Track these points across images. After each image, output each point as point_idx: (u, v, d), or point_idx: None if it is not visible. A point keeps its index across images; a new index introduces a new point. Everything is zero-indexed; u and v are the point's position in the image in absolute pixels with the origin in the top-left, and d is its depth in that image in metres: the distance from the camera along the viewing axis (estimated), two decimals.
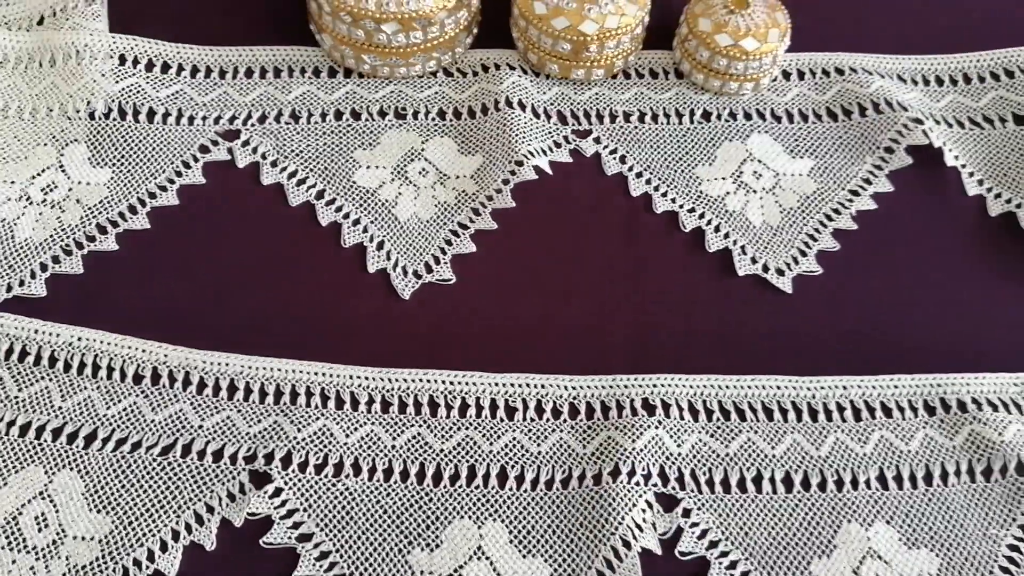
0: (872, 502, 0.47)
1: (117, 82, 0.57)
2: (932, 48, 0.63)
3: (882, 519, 0.47)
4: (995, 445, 0.48)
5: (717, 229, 0.55)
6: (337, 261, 0.53)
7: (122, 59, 0.58)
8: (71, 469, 0.45)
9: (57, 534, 0.44)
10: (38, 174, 0.54)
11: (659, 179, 0.56)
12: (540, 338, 0.51)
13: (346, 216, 0.54)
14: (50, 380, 0.48)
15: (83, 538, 0.44)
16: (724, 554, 0.45)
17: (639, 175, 0.57)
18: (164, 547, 0.44)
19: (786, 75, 0.61)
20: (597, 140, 0.58)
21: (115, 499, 0.45)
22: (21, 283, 0.50)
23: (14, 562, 0.43)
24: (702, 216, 0.55)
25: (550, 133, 0.57)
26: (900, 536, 0.46)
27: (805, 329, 0.52)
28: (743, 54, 0.57)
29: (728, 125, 0.59)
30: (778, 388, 0.50)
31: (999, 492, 0.48)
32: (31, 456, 0.46)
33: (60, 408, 0.47)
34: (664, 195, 0.56)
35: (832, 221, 0.56)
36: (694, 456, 0.48)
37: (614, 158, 0.57)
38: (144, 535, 0.44)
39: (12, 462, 0.45)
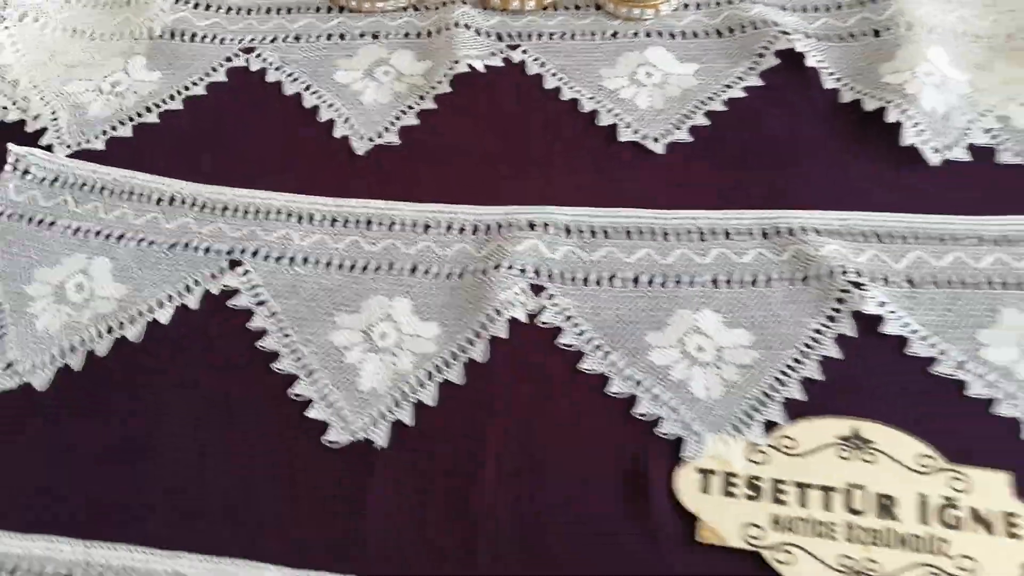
0: (703, 296, 0.59)
1: (172, 15, 0.77)
2: None
3: (709, 307, 0.58)
4: (813, 258, 0.59)
5: (609, 111, 0.69)
6: (315, 131, 0.70)
7: (177, 0, 0.78)
8: (103, 255, 0.63)
9: (90, 293, 0.61)
10: (108, 75, 0.73)
11: (568, 75, 0.71)
12: (459, 182, 0.66)
13: (324, 101, 0.71)
14: (99, 202, 0.66)
15: (106, 297, 0.61)
16: (576, 325, 0.58)
17: (553, 74, 0.72)
18: (161, 305, 0.60)
19: (685, 6, 0.75)
20: (524, 52, 0.73)
21: (131, 275, 0.62)
22: (87, 141, 0.70)
23: (58, 310, 0.60)
24: (599, 102, 0.70)
25: (487, 46, 0.73)
26: (723, 319, 0.58)
27: (675, 179, 0.65)
28: None
29: (631, 41, 0.73)
30: (639, 217, 0.63)
31: (812, 291, 0.58)
32: (76, 246, 0.63)
33: (104, 219, 0.65)
34: (571, 87, 0.71)
35: (705, 105, 0.69)
36: (563, 260, 0.61)
37: (536, 63, 0.72)
38: (148, 298, 0.61)
39: (64, 249, 0.63)
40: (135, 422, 0.56)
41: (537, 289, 0.60)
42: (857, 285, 0.58)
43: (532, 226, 0.62)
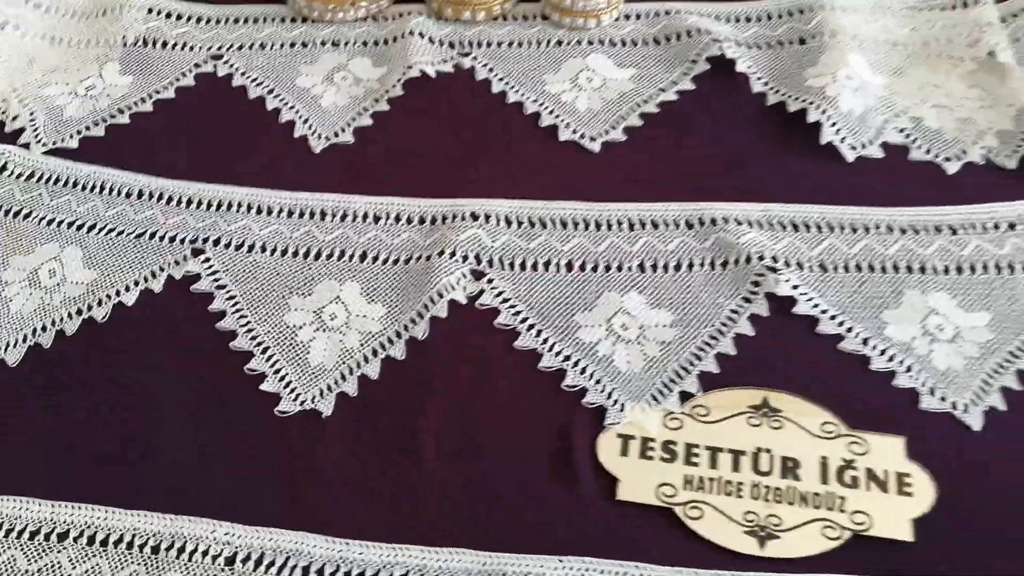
0: (630, 280, 0.63)
1: (145, 24, 0.82)
2: None
3: (635, 290, 0.63)
4: (733, 245, 0.64)
5: (550, 112, 0.74)
6: (276, 131, 0.74)
7: (150, 10, 0.83)
8: (75, 244, 0.67)
9: (61, 278, 0.65)
10: (83, 79, 0.78)
11: (514, 80, 0.76)
12: (409, 177, 0.70)
13: (285, 103, 0.76)
14: (71, 195, 0.70)
15: (76, 282, 0.65)
16: (512, 306, 0.62)
17: (500, 79, 0.77)
18: (127, 289, 0.65)
19: (626, 17, 0.81)
20: (474, 59, 0.78)
21: (100, 262, 0.66)
22: (63, 140, 0.74)
23: (31, 294, 0.64)
24: (542, 104, 0.74)
25: (439, 54, 0.78)
26: (647, 301, 0.62)
27: (609, 175, 0.70)
28: None
29: (574, 49, 0.79)
30: (574, 209, 0.67)
31: (730, 275, 0.63)
32: (48, 236, 0.68)
33: (77, 211, 0.69)
34: (516, 91, 0.76)
35: (640, 107, 0.74)
36: (503, 248, 0.65)
37: (485, 69, 0.78)
38: (115, 283, 0.65)
39: (35, 241, 0.67)
40: (100, 395, 0.60)
41: (478, 275, 0.64)
42: (773, 270, 0.63)
43: (475, 217, 0.67)
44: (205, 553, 0.53)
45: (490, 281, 0.64)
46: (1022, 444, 0.55)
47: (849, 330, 0.60)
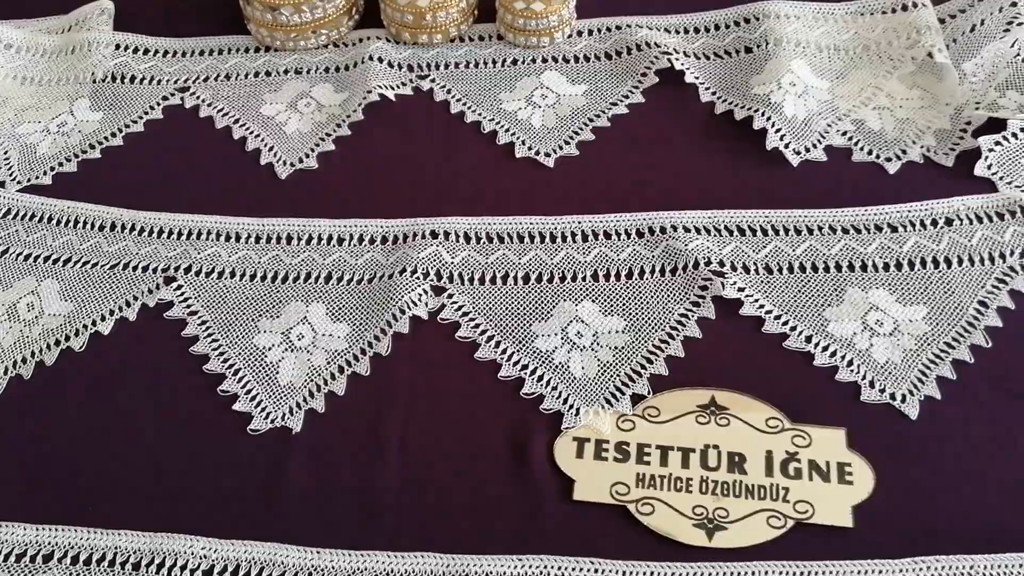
0: (585, 289, 0.66)
1: (113, 60, 0.84)
2: (691, 8, 0.84)
3: (589, 299, 0.66)
4: (681, 252, 0.67)
5: (507, 131, 0.77)
6: (240, 159, 0.77)
7: (117, 46, 0.86)
8: (51, 277, 0.70)
9: (39, 311, 0.68)
10: (55, 116, 0.81)
11: (471, 100, 0.79)
12: (371, 199, 0.73)
13: (251, 132, 0.79)
14: (46, 231, 0.73)
15: (54, 314, 0.68)
16: (472, 319, 0.65)
17: (458, 100, 0.79)
18: (103, 318, 0.67)
19: (579, 33, 0.83)
20: (433, 80, 0.81)
21: (76, 293, 0.69)
22: (36, 177, 0.77)
23: (10, 328, 0.67)
24: (499, 123, 0.77)
25: (398, 77, 0.81)
26: (600, 308, 0.65)
27: (563, 189, 0.73)
28: (534, 14, 0.80)
29: (529, 67, 0.81)
30: (531, 224, 0.70)
31: (679, 281, 0.66)
32: (26, 271, 0.70)
33: (52, 245, 0.72)
34: (474, 111, 0.78)
35: (592, 122, 0.77)
36: (462, 263, 0.68)
37: (443, 90, 0.80)
38: (92, 313, 0.68)
39: (13, 276, 0.70)
40: (80, 421, 0.63)
41: (438, 290, 0.67)
42: (720, 274, 0.65)
43: (434, 235, 0.70)
44: (184, 567, 0.56)
45: (450, 296, 0.67)
46: (957, 431, 0.58)
47: (793, 329, 0.63)
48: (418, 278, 0.67)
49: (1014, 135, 0.71)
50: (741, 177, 0.72)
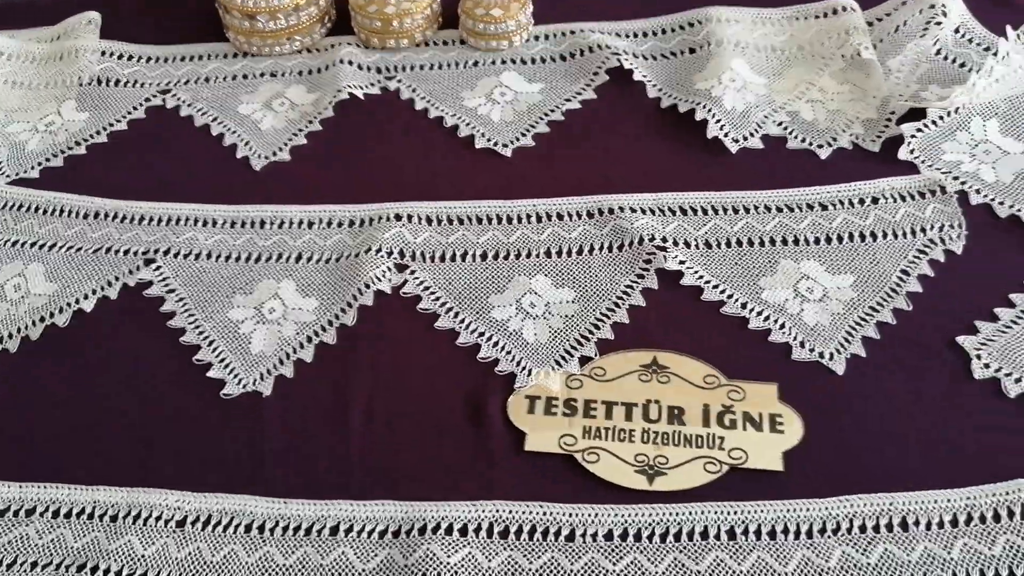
0: (538, 265, 0.71)
1: (98, 66, 0.90)
2: (638, 15, 0.90)
3: (542, 273, 0.70)
4: (628, 230, 0.72)
5: (467, 124, 0.82)
6: (218, 153, 0.82)
7: (103, 53, 0.91)
8: (37, 261, 0.74)
9: (26, 291, 0.72)
10: (43, 117, 0.86)
11: (435, 98, 0.85)
12: (340, 187, 0.78)
13: (228, 129, 0.84)
14: (33, 219, 0.77)
15: (39, 294, 0.72)
16: (433, 293, 0.70)
17: (423, 98, 0.85)
18: (86, 297, 0.71)
19: (536, 38, 0.89)
20: (399, 81, 0.87)
21: (60, 275, 0.73)
22: (25, 172, 0.81)
23: None
24: (460, 119, 0.83)
25: (367, 78, 0.87)
26: (552, 282, 0.70)
27: (520, 176, 0.78)
28: (493, 19, 0.86)
29: (489, 68, 0.87)
30: (488, 207, 0.75)
31: (625, 256, 0.71)
32: (13, 256, 0.75)
33: (39, 233, 0.76)
34: (437, 108, 0.84)
35: (547, 116, 0.82)
36: (424, 244, 0.73)
37: (408, 89, 0.86)
38: (75, 292, 0.72)
39: (3, 259, 0.74)
40: (63, 389, 0.66)
41: (401, 267, 0.72)
42: (663, 249, 0.70)
43: (398, 217, 0.74)
44: (159, 518, 0.59)
45: (412, 272, 0.71)
46: (880, 385, 0.63)
47: (730, 296, 0.68)
48: (383, 256, 0.71)
49: (934, 123, 0.77)
50: (685, 164, 0.78)
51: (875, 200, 0.73)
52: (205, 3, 0.92)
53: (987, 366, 0.63)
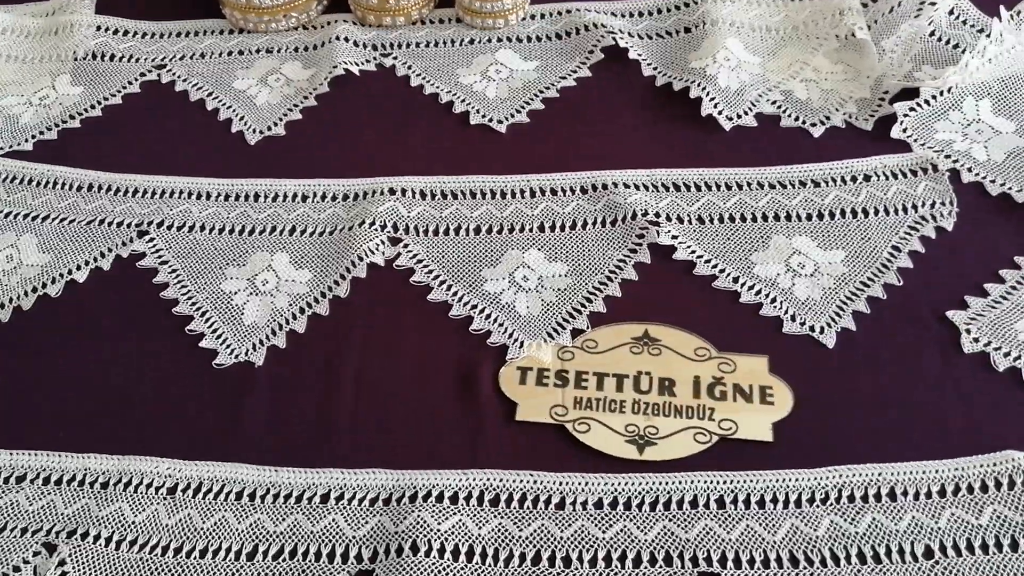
0: (531, 239, 0.71)
1: (93, 40, 0.90)
2: None
3: (535, 247, 0.71)
4: (621, 205, 0.72)
5: (463, 101, 0.82)
6: (212, 127, 0.82)
7: (98, 28, 0.91)
8: (30, 233, 0.74)
9: (18, 262, 0.72)
10: (37, 90, 0.86)
11: (430, 75, 0.85)
12: (334, 161, 0.78)
13: (223, 104, 0.84)
14: (26, 191, 0.77)
15: (32, 265, 0.72)
16: (426, 266, 0.70)
17: (418, 75, 0.85)
18: (79, 267, 0.71)
19: (532, 16, 0.89)
20: (395, 58, 0.87)
21: (53, 246, 0.73)
22: (19, 144, 0.81)
23: None
24: (455, 95, 0.83)
25: (363, 55, 0.87)
26: (545, 256, 0.70)
27: (514, 152, 0.78)
28: None
29: (485, 46, 0.87)
30: (482, 181, 0.75)
31: (618, 231, 0.71)
32: (5, 227, 0.75)
33: (31, 204, 0.76)
34: (432, 84, 0.84)
35: (542, 93, 0.82)
36: (418, 217, 0.73)
37: (404, 66, 0.86)
38: (67, 263, 0.72)
39: None
40: (55, 358, 0.66)
41: (395, 241, 0.72)
42: (656, 224, 0.71)
43: (392, 191, 0.74)
44: (149, 485, 0.59)
45: (406, 246, 0.71)
46: (869, 358, 0.63)
47: (722, 271, 0.68)
48: (376, 230, 0.72)
49: (926, 102, 0.77)
50: (679, 141, 0.78)
51: (867, 177, 0.73)
52: None
53: (976, 340, 0.63)
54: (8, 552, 0.57)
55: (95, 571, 0.56)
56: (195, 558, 0.56)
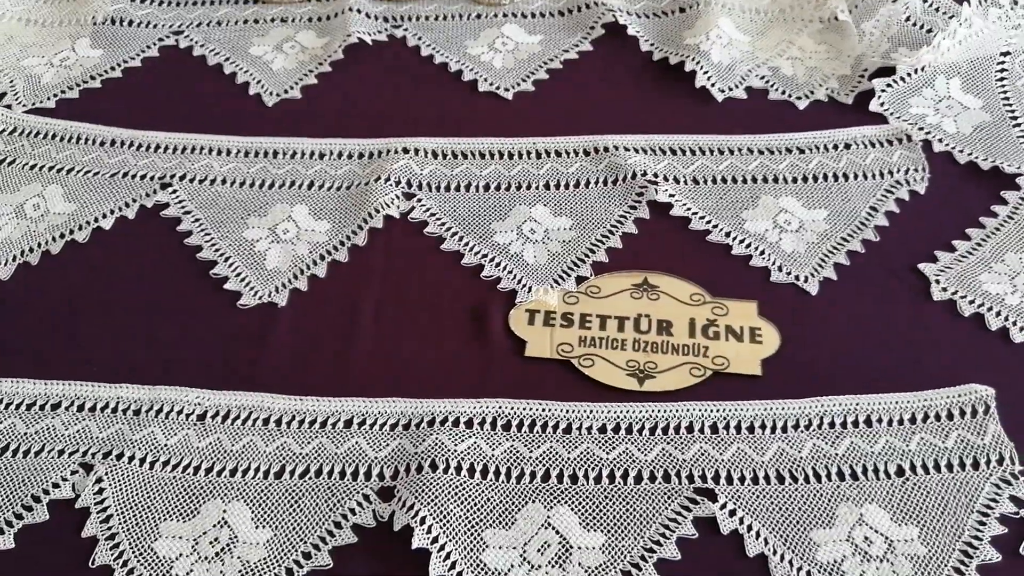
0: (537, 196, 0.76)
1: (112, 6, 0.93)
2: None
3: (541, 203, 0.75)
4: (622, 166, 0.77)
5: (471, 70, 0.87)
6: (230, 90, 0.86)
7: None
8: (56, 184, 0.77)
9: (45, 210, 0.75)
10: (58, 52, 0.89)
11: (440, 46, 0.89)
12: (349, 123, 0.82)
13: (240, 68, 0.88)
14: (50, 145, 0.80)
15: (59, 213, 0.75)
16: (439, 219, 0.74)
17: (428, 45, 0.90)
18: (104, 216, 0.75)
19: None
20: (406, 30, 0.91)
21: (79, 196, 0.76)
22: (41, 102, 0.84)
23: (18, 224, 0.74)
24: (464, 64, 0.88)
25: (375, 26, 0.91)
26: (551, 211, 0.75)
27: (520, 117, 0.82)
28: None
29: (491, 20, 0.92)
30: (491, 143, 0.80)
31: (619, 190, 0.76)
32: (32, 178, 0.78)
33: (56, 157, 0.79)
34: (442, 54, 0.89)
35: (546, 64, 0.87)
36: (430, 175, 0.78)
37: (415, 37, 0.90)
38: (93, 212, 0.75)
39: (20, 182, 0.77)
40: (83, 298, 0.70)
41: (409, 196, 0.76)
42: (654, 183, 0.76)
43: (405, 151, 0.79)
44: (180, 412, 0.63)
45: (419, 200, 0.76)
46: (849, 304, 0.69)
47: (715, 226, 0.74)
48: (391, 184, 0.76)
49: (902, 79, 0.83)
50: (674, 111, 0.83)
51: (847, 146, 0.79)
52: None
53: (945, 290, 0.69)
54: (47, 471, 0.60)
55: (131, 488, 0.59)
56: (226, 476, 0.60)
